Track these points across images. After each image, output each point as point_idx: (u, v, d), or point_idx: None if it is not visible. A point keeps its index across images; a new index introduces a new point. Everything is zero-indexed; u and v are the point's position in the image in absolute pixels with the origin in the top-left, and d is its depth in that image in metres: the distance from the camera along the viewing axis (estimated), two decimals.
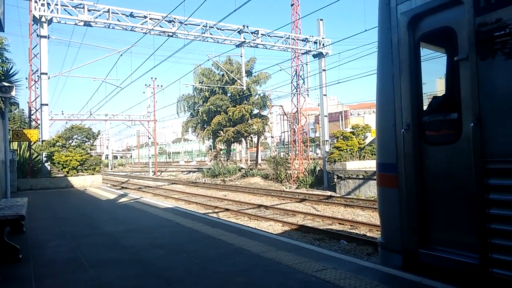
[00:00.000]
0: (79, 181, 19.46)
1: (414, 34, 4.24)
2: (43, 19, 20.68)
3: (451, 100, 4.05)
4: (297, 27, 25.99)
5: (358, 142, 22.81)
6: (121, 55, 23.39)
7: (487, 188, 3.46)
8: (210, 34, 24.65)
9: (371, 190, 17.27)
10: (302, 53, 27.21)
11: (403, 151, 4.24)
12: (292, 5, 26.68)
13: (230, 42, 25.25)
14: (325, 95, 26.61)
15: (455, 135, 3.80)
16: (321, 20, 26.26)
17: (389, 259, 4.39)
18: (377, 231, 9.66)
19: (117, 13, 22.53)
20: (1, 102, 12.68)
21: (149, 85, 45.89)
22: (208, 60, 31.22)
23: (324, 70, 26.34)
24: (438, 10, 3.92)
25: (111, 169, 69.60)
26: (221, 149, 43.56)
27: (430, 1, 3.92)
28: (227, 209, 14.52)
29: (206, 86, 38.98)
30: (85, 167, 20.44)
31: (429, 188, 4.10)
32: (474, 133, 3.55)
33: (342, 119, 55.64)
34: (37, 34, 21.06)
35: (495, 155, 3.43)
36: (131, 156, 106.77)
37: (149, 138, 51.30)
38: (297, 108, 27.85)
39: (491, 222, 3.45)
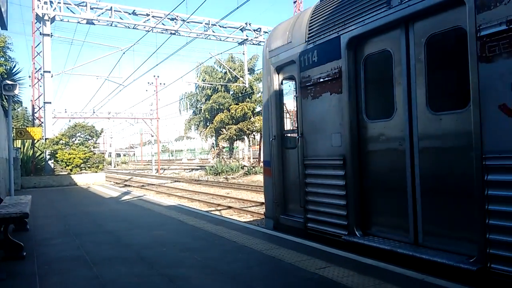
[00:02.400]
0: (82, 179, 19.53)
1: (279, 77, 6.72)
2: (46, 17, 20.74)
3: (296, 122, 6.28)
4: None
5: None
6: (124, 53, 23.43)
7: (305, 175, 5.84)
8: (213, 31, 24.65)
9: None
10: None
11: (273, 153, 6.63)
12: (294, 2, 26.63)
13: (233, 39, 25.24)
14: None
15: (296, 144, 6.12)
16: None
17: (268, 223, 6.84)
18: None
19: (120, 11, 22.56)
20: (5, 100, 12.73)
21: (152, 83, 45.95)
22: (211, 58, 31.27)
23: None
24: (288, 65, 6.38)
25: (114, 167, 69.83)
26: (223, 147, 43.62)
27: (284, 59, 6.37)
28: (229, 207, 14.53)
29: (208, 84, 39.01)
30: (88, 165, 20.52)
31: (286, 177, 6.55)
32: (300, 143, 5.93)
33: None
34: (40, 32, 21.13)
35: (309, 156, 5.80)
36: (134, 154, 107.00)
37: (152, 136, 51.42)
38: None
39: (307, 195, 5.81)
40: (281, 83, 6.74)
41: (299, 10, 26.34)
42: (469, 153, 3.77)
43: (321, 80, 5.56)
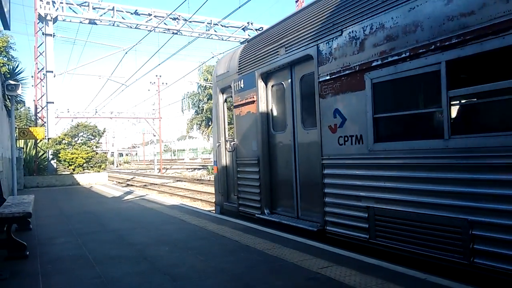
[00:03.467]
0: (85, 179, 19.58)
1: (223, 97, 8.77)
2: (48, 17, 20.80)
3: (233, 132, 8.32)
4: None
5: None
6: (126, 52, 23.45)
7: (237, 172, 7.86)
8: (215, 31, 24.67)
9: None
10: None
11: (218, 155, 8.82)
12: (296, 1, 26.59)
13: (235, 39, 25.24)
14: None
15: (232, 148, 8.15)
16: None
17: (216, 209, 9.06)
18: None
19: (122, 11, 22.60)
20: (8, 100, 12.76)
21: (154, 82, 46.01)
22: (213, 57, 31.23)
23: None
24: (227, 88, 8.43)
25: (117, 166, 69.97)
26: None
27: (225, 84, 8.43)
28: None
29: (210, 83, 39.05)
30: (91, 165, 20.56)
31: (228, 173, 8.61)
32: (235, 148, 8.04)
33: None
34: (43, 32, 21.19)
35: (239, 157, 7.86)
36: (136, 153, 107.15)
37: (154, 135, 51.46)
38: None
39: (238, 187, 7.84)
40: (225, 101, 8.80)
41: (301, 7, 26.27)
42: (318, 155, 5.71)
43: (245, 101, 7.67)
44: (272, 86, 7.18)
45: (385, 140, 4.81)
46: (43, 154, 21.65)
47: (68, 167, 20.24)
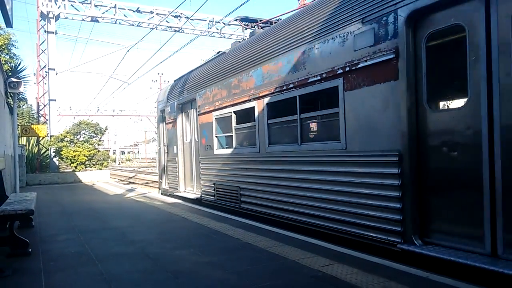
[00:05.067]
0: (87, 176, 19.61)
1: (162, 116, 12.38)
2: (50, 15, 20.79)
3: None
4: None
5: None
6: (128, 50, 23.41)
7: (167, 167, 12.17)
8: (217, 29, 24.60)
9: None
10: None
11: (159, 154, 13.14)
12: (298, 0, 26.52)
13: (237, 37, 25.16)
14: None
15: (166, 151, 12.24)
16: None
17: (159, 191, 13.14)
18: None
19: (124, 9, 22.58)
20: (10, 97, 12.78)
21: (156, 80, 46.03)
22: (215, 55, 31.16)
23: None
24: (162, 111, 12.24)
25: (119, 164, 70.05)
26: None
27: (162, 107, 12.32)
28: None
29: None
30: (93, 162, 20.60)
31: (164, 167, 12.50)
32: (167, 150, 12.18)
33: None
34: (45, 30, 21.18)
35: (168, 157, 12.05)
36: (138, 151, 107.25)
37: (156, 133, 51.42)
38: None
39: (168, 175, 12.10)
40: (163, 119, 12.37)
41: (303, 5, 26.22)
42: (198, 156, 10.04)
43: (171, 120, 11.55)
44: (183, 112, 10.99)
45: (225, 147, 8.75)
46: (45, 152, 21.69)
47: (70, 164, 20.28)
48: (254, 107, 7.24)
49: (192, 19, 23.18)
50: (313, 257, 4.49)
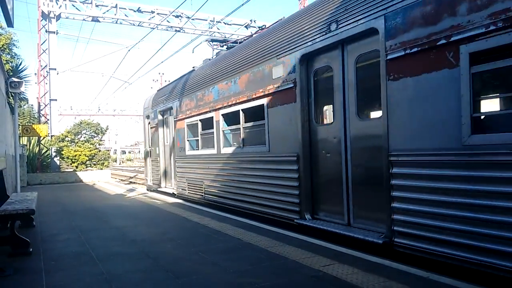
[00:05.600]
0: (88, 176, 19.63)
1: (147, 121, 14.03)
2: (51, 15, 20.81)
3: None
4: None
5: None
6: (129, 50, 23.42)
7: (152, 164, 13.86)
8: (218, 29, 24.63)
9: None
10: None
11: (145, 155, 14.89)
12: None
13: (237, 37, 25.17)
14: None
15: (150, 151, 14.10)
16: None
17: (149, 190, 14.09)
18: None
19: (125, 8, 22.59)
20: (11, 97, 12.80)
21: (157, 80, 46.04)
22: (215, 55, 31.15)
23: None
24: (148, 117, 14.05)
25: (120, 164, 70.04)
26: None
27: (147, 113, 14.02)
28: None
29: None
30: (94, 162, 20.63)
31: (149, 165, 14.29)
32: (151, 152, 14.06)
33: None
34: (46, 30, 21.20)
35: (152, 157, 13.74)
36: (139, 151, 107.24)
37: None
38: None
39: (153, 172, 13.74)
40: (149, 123, 13.88)
41: (303, 6, 26.22)
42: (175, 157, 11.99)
43: (155, 125, 13.11)
44: (164, 119, 12.62)
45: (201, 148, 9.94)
46: (46, 152, 21.72)
47: (71, 164, 20.31)
48: (213, 117, 8.95)
49: (193, 19, 23.19)
50: (314, 257, 4.49)
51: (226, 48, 10.72)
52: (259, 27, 24.96)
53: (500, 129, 3.68)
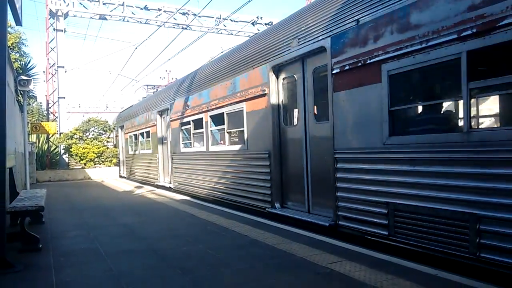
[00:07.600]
0: (96, 173, 19.77)
1: (121, 131, 19.91)
2: (59, 13, 20.92)
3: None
4: None
5: None
6: (136, 48, 23.48)
7: (125, 163, 19.23)
8: (224, 26, 24.59)
9: None
10: None
11: (120, 156, 20.75)
12: None
13: (244, 34, 25.13)
14: None
15: (122, 153, 20.00)
16: None
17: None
18: None
19: (132, 6, 22.63)
20: (20, 95, 12.91)
21: (164, 77, 46.09)
22: (222, 52, 31.14)
23: None
24: (119, 127, 20.49)
25: None
26: None
27: (119, 125, 20.32)
28: None
29: None
30: (102, 159, 20.75)
31: (123, 163, 19.95)
32: (122, 153, 20.27)
33: None
34: (54, 28, 21.33)
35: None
36: None
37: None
38: None
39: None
40: (124, 133, 18.28)
41: (310, 1, 26.02)
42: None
43: (119, 136, 19.88)
44: (126, 133, 17.42)
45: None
46: (55, 149, 21.90)
47: (79, 161, 20.45)
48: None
49: (199, 16, 23.18)
50: (321, 254, 4.49)
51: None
52: (265, 24, 24.90)
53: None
